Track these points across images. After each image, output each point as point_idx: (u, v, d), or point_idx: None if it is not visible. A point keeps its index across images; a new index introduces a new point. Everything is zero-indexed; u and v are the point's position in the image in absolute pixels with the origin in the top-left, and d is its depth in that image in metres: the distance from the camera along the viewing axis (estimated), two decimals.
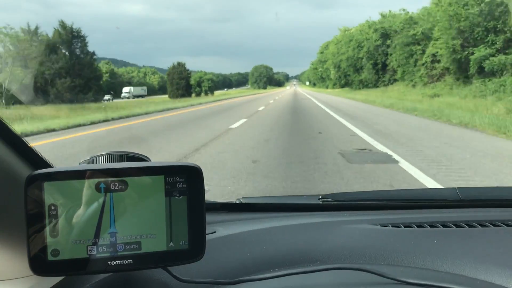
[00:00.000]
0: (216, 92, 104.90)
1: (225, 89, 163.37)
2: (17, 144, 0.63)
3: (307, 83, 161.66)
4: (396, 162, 5.65)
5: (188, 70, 66.73)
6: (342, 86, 77.77)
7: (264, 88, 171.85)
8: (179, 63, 66.24)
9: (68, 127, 11.69)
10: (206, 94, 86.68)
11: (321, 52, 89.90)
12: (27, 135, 9.76)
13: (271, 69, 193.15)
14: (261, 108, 21.22)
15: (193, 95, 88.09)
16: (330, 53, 71.90)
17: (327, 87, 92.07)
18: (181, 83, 64.30)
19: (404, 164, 5.45)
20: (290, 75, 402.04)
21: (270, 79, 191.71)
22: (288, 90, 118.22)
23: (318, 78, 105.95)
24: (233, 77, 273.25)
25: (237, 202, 1.12)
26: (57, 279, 0.66)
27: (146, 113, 18.18)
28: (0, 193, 0.60)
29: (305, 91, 79.51)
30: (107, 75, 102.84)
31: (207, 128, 10.84)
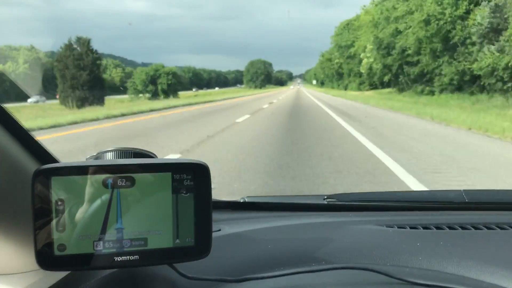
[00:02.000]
0: (185, 94, 74.24)
1: (194, 89, 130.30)
2: (25, 138, 0.63)
3: (314, 81, 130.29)
4: None
5: (95, 51, 35.06)
6: (373, 87, 47.28)
7: (262, 87, 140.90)
8: (79, 39, 34.41)
9: None
10: (166, 95, 55.85)
11: (339, 34, 57.94)
12: None
13: (271, 64, 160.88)
14: None
15: (145, 95, 58.11)
16: (365, 25, 40.20)
17: (345, 88, 61.13)
18: (81, 77, 33.17)
19: None
20: (294, 74, 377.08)
21: (269, 77, 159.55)
22: (291, 90, 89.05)
23: (331, 75, 74.64)
24: (230, 74, 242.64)
25: (242, 201, 1.13)
26: (63, 274, 0.66)
27: None
28: (7, 188, 0.60)
29: (317, 95, 47.35)
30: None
31: None
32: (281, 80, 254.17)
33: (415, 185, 4.28)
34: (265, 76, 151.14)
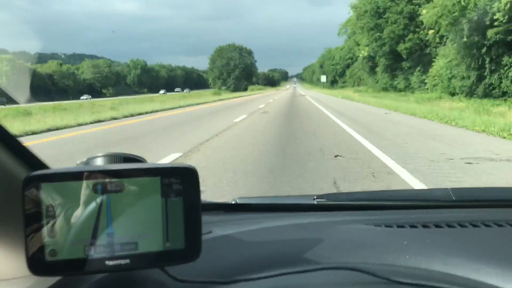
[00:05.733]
0: None
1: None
2: (14, 145, 0.63)
3: (324, 78, 76.69)
4: None
5: None
6: None
7: (237, 89, 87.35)
8: None
9: None
10: None
11: None
12: None
13: (251, 53, 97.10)
14: None
15: None
16: None
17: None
18: None
19: None
20: (290, 74, 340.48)
21: (249, 73, 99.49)
22: (281, 93, 49.96)
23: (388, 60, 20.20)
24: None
25: (232, 202, 1.13)
26: (54, 279, 0.66)
27: None
28: None
29: None
30: None
31: None
32: (273, 80, 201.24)
33: None
34: (243, 71, 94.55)
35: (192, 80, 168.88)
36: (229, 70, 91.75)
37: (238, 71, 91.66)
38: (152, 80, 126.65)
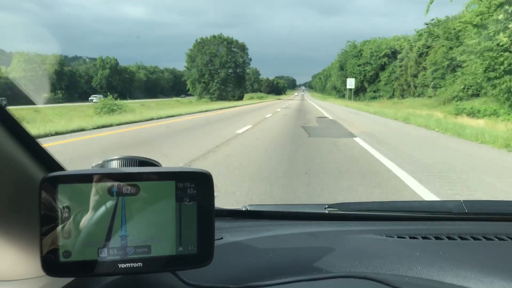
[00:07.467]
0: None
1: None
2: (32, 146, 0.63)
3: (351, 83, 51.21)
4: None
5: None
6: None
7: (222, 97, 62.73)
8: None
9: None
10: None
11: None
12: None
13: (244, 49, 67.78)
14: None
15: None
16: None
17: None
18: None
19: None
20: (298, 82, 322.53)
21: (240, 76, 68.36)
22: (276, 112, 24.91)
23: None
24: None
25: (244, 209, 1.13)
26: (67, 280, 0.66)
27: None
28: (15, 195, 0.61)
29: None
30: None
31: None
32: (277, 87, 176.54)
33: None
34: (232, 72, 66.11)
35: (181, 85, 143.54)
36: (213, 70, 66.25)
37: (225, 72, 65.91)
38: (125, 83, 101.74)
